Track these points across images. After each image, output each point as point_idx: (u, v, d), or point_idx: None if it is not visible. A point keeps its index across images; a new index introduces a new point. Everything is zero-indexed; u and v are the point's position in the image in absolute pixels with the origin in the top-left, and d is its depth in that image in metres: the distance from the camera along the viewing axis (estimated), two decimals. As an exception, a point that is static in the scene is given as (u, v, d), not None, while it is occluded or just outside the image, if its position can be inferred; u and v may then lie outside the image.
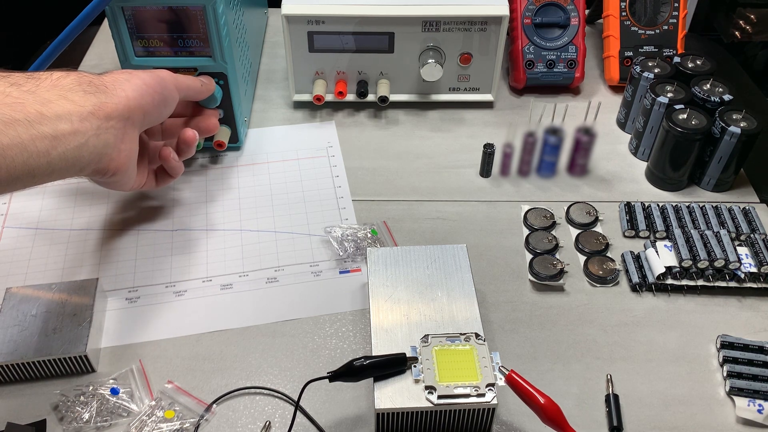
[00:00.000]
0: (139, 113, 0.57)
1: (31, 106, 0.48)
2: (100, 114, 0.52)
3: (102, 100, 0.53)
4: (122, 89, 0.55)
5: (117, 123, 0.54)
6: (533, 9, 0.84)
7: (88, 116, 0.51)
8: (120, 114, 0.54)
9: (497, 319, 0.62)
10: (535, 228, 0.70)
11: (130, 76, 0.57)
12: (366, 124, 0.84)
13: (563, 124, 0.72)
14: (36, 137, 0.47)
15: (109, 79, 0.55)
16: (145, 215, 0.71)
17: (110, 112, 0.53)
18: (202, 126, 0.70)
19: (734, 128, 0.68)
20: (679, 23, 0.85)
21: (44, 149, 0.48)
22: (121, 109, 0.54)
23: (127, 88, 0.56)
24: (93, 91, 0.53)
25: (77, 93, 0.51)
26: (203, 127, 0.70)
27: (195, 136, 0.67)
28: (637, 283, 0.64)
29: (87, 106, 0.51)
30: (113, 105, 0.54)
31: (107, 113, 0.53)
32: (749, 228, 0.68)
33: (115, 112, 0.54)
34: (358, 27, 0.78)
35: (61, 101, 0.50)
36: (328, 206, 0.73)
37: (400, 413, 0.50)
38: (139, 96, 0.56)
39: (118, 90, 0.55)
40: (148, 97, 0.57)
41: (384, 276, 0.59)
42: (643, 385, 0.57)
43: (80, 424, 0.53)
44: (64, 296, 0.59)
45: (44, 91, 0.50)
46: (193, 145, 0.67)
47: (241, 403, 0.56)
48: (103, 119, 0.52)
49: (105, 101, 0.53)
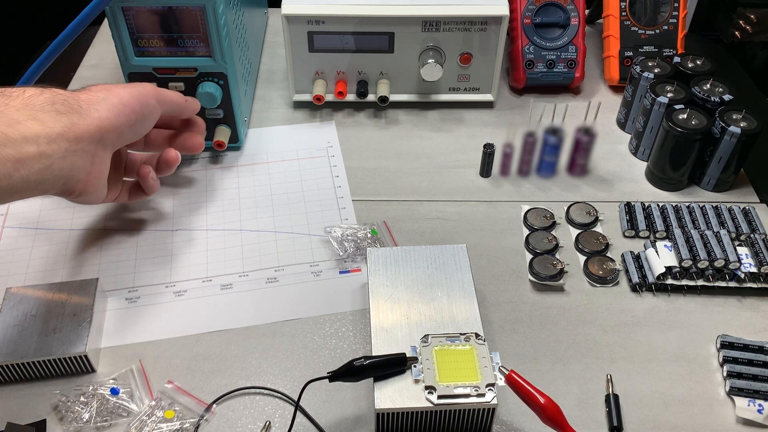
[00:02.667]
0: (112, 135, 0.55)
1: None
2: (69, 135, 0.51)
3: (74, 121, 0.51)
4: (96, 110, 0.54)
5: (87, 145, 0.53)
6: (533, 9, 0.84)
7: (56, 138, 0.50)
8: (91, 136, 0.53)
9: (497, 319, 0.62)
10: (535, 228, 0.70)
11: (107, 94, 0.56)
12: (366, 124, 0.84)
13: (563, 124, 0.72)
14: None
15: (84, 98, 0.54)
16: (145, 215, 0.71)
17: (81, 134, 0.52)
18: (187, 144, 0.69)
19: (734, 128, 0.68)
20: (679, 23, 0.85)
21: (5, 172, 0.46)
22: (93, 131, 0.53)
23: (101, 109, 0.54)
24: (66, 110, 0.51)
25: (49, 113, 0.50)
26: (188, 144, 0.69)
27: (177, 157, 0.66)
28: (637, 283, 0.64)
29: (56, 127, 0.50)
30: (84, 126, 0.52)
31: (77, 135, 0.51)
32: (749, 228, 0.68)
33: (86, 134, 0.52)
34: (358, 27, 0.78)
35: (29, 122, 0.48)
36: (328, 206, 0.73)
37: (400, 413, 0.50)
38: (113, 116, 0.55)
39: (92, 111, 0.53)
40: (123, 117, 0.56)
41: (384, 276, 0.59)
42: (643, 385, 0.57)
43: (80, 424, 0.53)
44: (64, 296, 0.59)
45: (13, 111, 0.48)
46: (174, 166, 0.66)
47: (241, 403, 0.56)
48: (72, 141, 0.51)
49: (76, 122, 0.52)
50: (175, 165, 0.66)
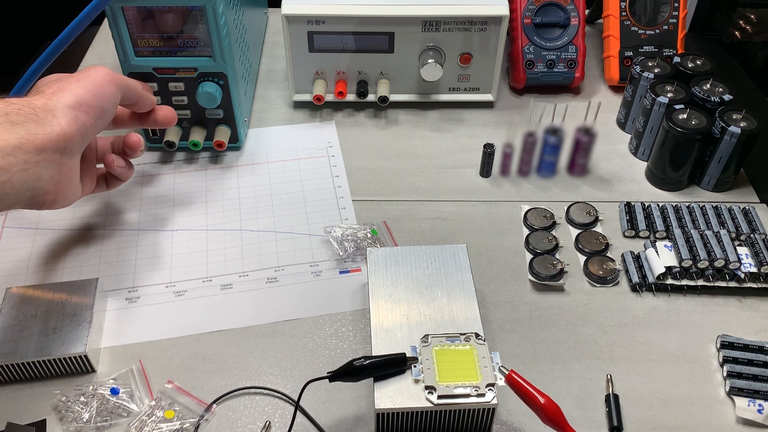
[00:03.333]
0: (76, 140, 0.52)
1: None
2: (28, 147, 0.48)
3: (31, 131, 0.48)
4: (54, 116, 0.50)
5: (51, 155, 0.50)
6: (533, 9, 0.84)
7: (12, 151, 0.47)
8: (54, 146, 0.50)
9: (497, 319, 0.62)
10: (535, 228, 0.70)
11: (63, 96, 0.52)
12: (366, 124, 0.84)
13: (563, 124, 0.72)
14: None
15: (40, 105, 0.50)
16: (144, 215, 0.71)
17: (41, 145, 0.49)
18: (159, 118, 0.65)
19: (734, 128, 0.68)
20: (679, 23, 0.85)
21: None
22: (55, 140, 0.50)
23: (59, 116, 0.50)
24: (21, 121, 0.48)
25: (2, 126, 0.47)
26: (160, 118, 0.65)
27: (139, 140, 0.63)
28: (637, 283, 0.64)
29: (11, 139, 0.47)
30: (44, 136, 0.49)
31: (37, 146, 0.48)
32: (749, 228, 0.68)
33: (48, 144, 0.49)
34: (358, 27, 0.78)
35: None
36: (328, 206, 0.73)
37: (400, 413, 0.50)
38: (73, 121, 0.51)
39: (50, 118, 0.50)
40: (85, 118, 0.53)
41: (384, 276, 0.59)
42: (643, 385, 0.57)
43: (80, 424, 0.53)
44: (64, 296, 0.59)
45: None
46: (138, 149, 0.63)
47: (241, 403, 0.56)
48: (32, 152, 0.48)
49: (35, 132, 0.48)
50: (139, 148, 0.63)
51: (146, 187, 0.75)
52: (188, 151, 0.78)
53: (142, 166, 0.77)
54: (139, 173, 0.76)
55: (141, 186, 0.75)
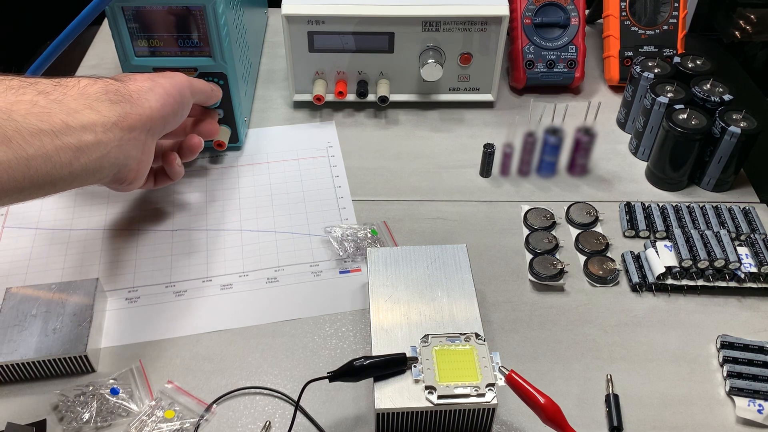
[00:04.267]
0: (160, 124, 0.57)
1: (57, 116, 0.48)
2: (123, 125, 0.52)
3: (127, 110, 0.53)
4: (146, 99, 0.55)
5: (139, 134, 0.54)
6: (533, 9, 0.84)
7: (111, 127, 0.51)
8: (143, 125, 0.55)
9: (497, 319, 0.62)
10: (535, 228, 0.70)
11: (153, 85, 0.57)
12: (366, 124, 0.84)
13: (563, 124, 0.72)
14: (60, 148, 0.47)
15: (134, 88, 0.55)
16: (145, 215, 0.71)
17: (134, 124, 0.53)
18: (205, 130, 0.70)
19: (734, 128, 0.68)
20: (679, 23, 0.85)
21: (67, 160, 0.48)
22: (145, 119, 0.54)
23: (151, 99, 0.56)
24: (119, 100, 0.53)
25: (103, 103, 0.51)
26: (206, 131, 0.70)
27: (200, 143, 0.68)
28: (637, 283, 0.64)
29: (112, 116, 0.51)
30: (137, 116, 0.54)
31: (131, 124, 0.53)
32: (749, 228, 0.68)
33: (139, 123, 0.54)
34: (358, 27, 0.78)
35: (86, 111, 0.50)
36: (328, 206, 0.73)
37: (400, 413, 0.50)
38: (161, 107, 0.56)
39: (143, 100, 0.55)
40: (169, 108, 0.58)
41: (384, 276, 0.59)
42: (643, 385, 0.57)
43: (80, 424, 0.53)
44: (64, 296, 0.59)
45: (71, 100, 0.49)
46: (198, 151, 0.68)
47: (241, 403, 0.56)
48: (126, 130, 0.53)
49: (130, 111, 0.53)
50: (199, 150, 0.68)
51: (146, 187, 0.75)
52: (188, 151, 0.78)
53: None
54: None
55: (141, 186, 0.75)
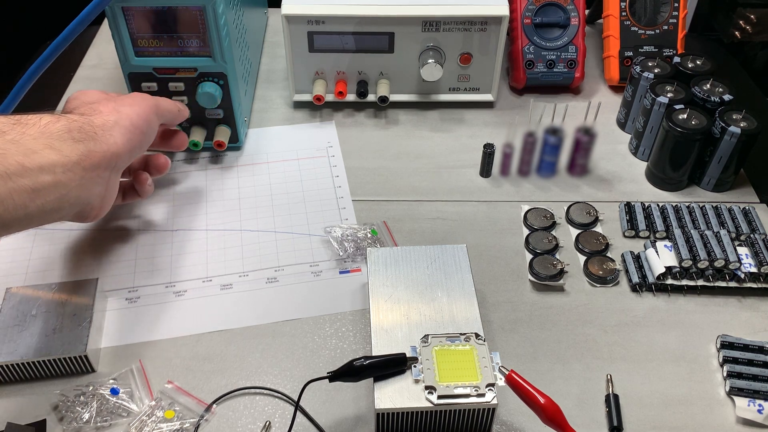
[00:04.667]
0: (125, 158, 0.56)
1: (13, 158, 0.46)
2: (86, 164, 0.51)
3: (90, 148, 0.51)
4: (111, 135, 0.54)
5: (103, 172, 0.53)
6: (533, 9, 0.84)
7: (73, 167, 0.50)
8: (107, 163, 0.53)
9: (497, 319, 0.62)
10: (535, 228, 0.70)
11: (119, 117, 0.55)
12: (366, 124, 0.84)
13: (563, 124, 0.72)
14: (14, 190, 0.45)
15: (99, 123, 0.54)
16: (145, 215, 0.71)
17: (97, 162, 0.52)
18: (174, 144, 0.70)
19: (734, 128, 0.68)
20: (679, 23, 0.85)
21: (22, 202, 0.46)
22: (109, 157, 0.53)
23: (116, 134, 0.54)
24: (82, 138, 0.51)
25: (66, 141, 0.50)
26: (174, 144, 0.70)
27: (167, 162, 0.68)
28: (637, 283, 0.64)
29: (73, 156, 0.50)
30: (101, 154, 0.52)
31: (94, 163, 0.51)
32: (749, 228, 0.68)
33: (103, 160, 0.52)
34: (358, 27, 0.78)
35: (46, 151, 0.48)
36: (328, 206, 0.73)
37: (400, 413, 0.50)
38: (127, 141, 0.55)
39: (107, 137, 0.53)
40: (136, 141, 0.57)
41: (384, 276, 0.59)
42: (643, 385, 0.57)
43: (80, 424, 0.53)
44: (64, 296, 0.59)
45: (30, 140, 0.48)
46: (165, 170, 0.68)
47: (241, 403, 0.56)
48: (88, 169, 0.51)
49: (93, 149, 0.51)
50: (166, 169, 0.68)
51: (146, 187, 0.75)
52: (188, 151, 0.78)
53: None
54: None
55: (141, 186, 0.75)
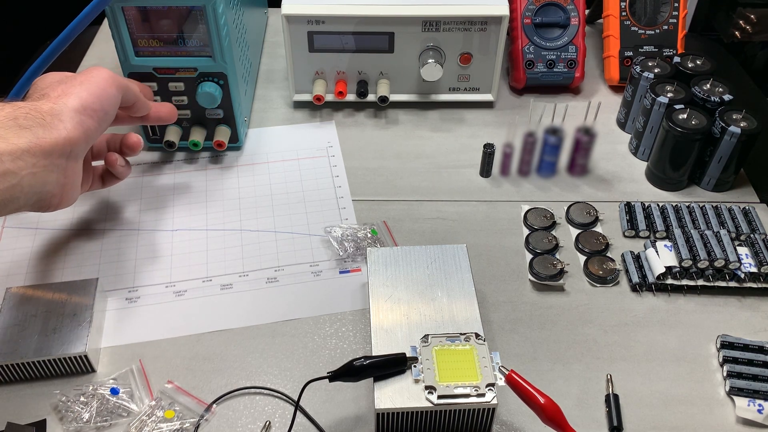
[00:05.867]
0: (82, 144, 0.53)
1: None
2: (36, 151, 0.48)
3: (39, 135, 0.49)
4: (61, 121, 0.51)
5: (57, 159, 0.51)
6: (533, 9, 0.84)
7: (22, 155, 0.47)
8: (61, 150, 0.51)
9: (497, 319, 0.62)
10: (535, 228, 0.70)
11: (68, 99, 0.52)
12: (366, 124, 0.84)
13: (563, 124, 0.72)
14: None
15: (46, 108, 0.51)
16: (145, 215, 0.71)
17: (49, 149, 0.49)
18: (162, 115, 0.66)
19: (734, 128, 0.68)
20: (679, 23, 0.85)
21: None
22: (62, 144, 0.50)
23: (66, 120, 0.51)
24: (29, 125, 0.49)
25: (11, 129, 0.48)
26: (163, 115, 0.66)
27: (139, 141, 0.64)
28: (637, 283, 0.64)
29: (21, 143, 0.48)
30: (52, 140, 0.50)
31: (45, 150, 0.49)
32: (749, 228, 0.68)
33: (55, 148, 0.50)
34: (358, 27, 0.78)
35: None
36: (328, 206, 0.73)
37: (400, 413, 0.50)
38: (79, 125, 0.52)
39: (56, 122, 0.51)
40: (90, 122, 0.53)
41: (384, 276, 0.59)
42: (643, 385, 0.57)
43: (80, 424, 0.53)
44: (64, 296, 0.59)
45: None
46: (138, 149, 0.65)
47: (241, 403, 0.56)
48: (40, 156, 0.49)
49: (42, 136, 0.49)
50: (138, 148, 0.65)
51: (146, 187, 0.75)
52: (188, 151, 0.78)
53: (142, 165, 0.77)
54: (139, 173, 0.76)
55: (141, 186, 0.75)
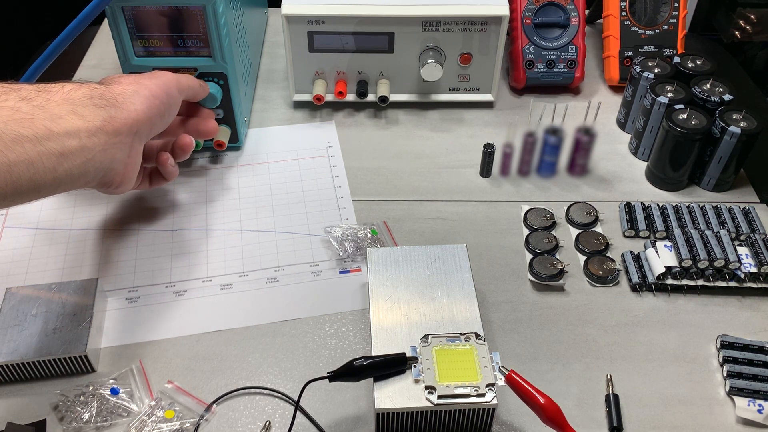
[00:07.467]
0: (147, 126, 0.57)
1: (40, 122, 0.48)
2: (108, 129, 0.52)
3: (111, 114, 0.53)
4: (131, 103, 0.55)
5: (125, 138, 0.54)
6: (533, 9, 0.84)
7: (96, 132, 0.51)
8: (129, 129, 0.54)
9: (497, 319, 0.62)
10: (535, 228, 0.70)
11: (138, 87, 0.57)
12: (366, 124, 0.84)
13: (563, 124, 0.72)
14: (43, 154, 0.47)
15: (119, 91, 0.55)
16: (145, 215, 0.71)
17: (119, 128, 0.53)
18: (201, 129, 0.70)
19: (734, 128, 0.68)
20: (679, 23, 0.85)
21: (51, 166, 0.48)
22: (130, 123, 0.54)
23: (136, 102, 0.56)
24: (103, 104, 0.53)
25: (88, 107, 0.51)
26: (202, 129, 0.70)
27: (192, 142, 0.67)
28: (637, 283, 0.64)
29: (96, 121, 0.51)
30: (122, 120, 0.54)
31: (116, 128, 0.53)
32: (749, 228, 0.68)
33: (124, 127, 0.54)
34: (358, 27, 0.78)
35: (70, 116, 0.50)
36: (328, 206, 0.73)
37: (400, 413, 0.50)
38: (147, 109, 0.56)
39: (128, 104, 0.55)
40: (156, 109, 0.58)
41: (384, 276, 0.59)
42: (643, 385, 0.57)
43: (80, 424, 0.53)
44: (64, 296, 0.59)
45: (54, 106, 0.49)
46: (189, 151, 0.67)
47: (241, 403, 0.56)
48: (111, 134, 0.53)
49: (114, 116, 0.53)
50: (190, 150, 0.67)
51: (146, 187, 0.75)
52: (188, 151, 0.78)
53: (142, 166, 0.77)
54: (139, 173, 0.76)
55: (141, 186, 0.75)
